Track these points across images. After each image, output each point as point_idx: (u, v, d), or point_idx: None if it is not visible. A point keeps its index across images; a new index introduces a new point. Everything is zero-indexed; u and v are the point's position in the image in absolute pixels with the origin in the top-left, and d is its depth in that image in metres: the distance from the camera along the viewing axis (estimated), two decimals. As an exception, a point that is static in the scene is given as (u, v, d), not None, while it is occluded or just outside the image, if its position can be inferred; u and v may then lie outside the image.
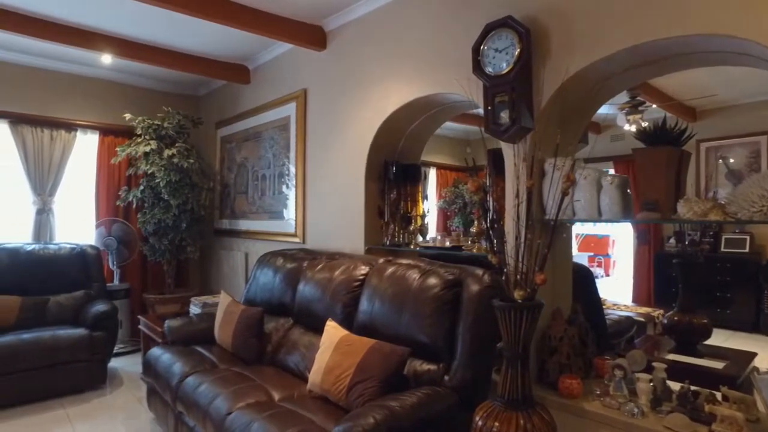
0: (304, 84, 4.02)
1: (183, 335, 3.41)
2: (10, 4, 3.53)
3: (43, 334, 3.75)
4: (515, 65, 2.26)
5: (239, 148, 4.92)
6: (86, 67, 4.92)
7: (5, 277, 4.11)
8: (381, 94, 3.29)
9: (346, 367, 2.25)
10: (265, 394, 2.52)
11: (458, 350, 2.20)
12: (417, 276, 2.46)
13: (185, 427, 2.76)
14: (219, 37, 4.07)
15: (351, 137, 3.53)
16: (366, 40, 3.44)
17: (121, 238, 4.95)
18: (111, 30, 3.98)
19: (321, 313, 2.88)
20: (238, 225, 4.90)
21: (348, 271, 2.88)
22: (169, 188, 4.54)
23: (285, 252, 3.61)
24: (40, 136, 4.74)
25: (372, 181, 3.41)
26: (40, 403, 3.68)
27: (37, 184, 4.73)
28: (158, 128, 4.68)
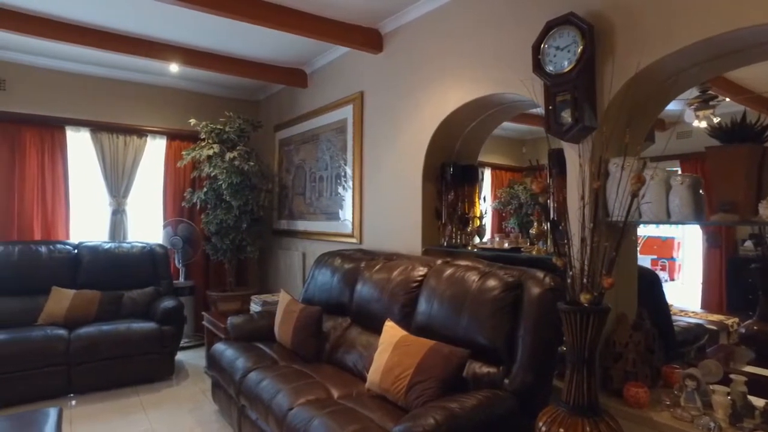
0: (360, 87, 4.08)
1: (245, 332, 3.54)
2: (91, 22, 3.79)
3: (119, 327, 4.02)
4: (578, 63, 2.20)
5: (297, 151, 5.05)
6: (155, 77, 5.21)
7: (87, 273, 4.44)
8: (438, 95, 3.29)
9: (405, 367, 2.27)
10: (325, 392, 2.57)
11: (519, 353, 2.17)
12: (476, 278, 2.45)
13: (248, 421, 2.86)
14: (277, 43, 4.20)
15: (408, 139, 3.55)
16: (422, 41, 3.45)
17: (187, 237, 5.21)
18: (178, 40, 4.19)
19: (379, 313, 2.92)
20: (296, 225, 5.03)
21: (406, 272, 2.89)
22: (230, 190, 4.73)
23: (342, 252, 3.67)
24: (115, 142, 5.06)
25: (429, 183, 3.41)
26: (117, 390, 3.94)
27: (112, 186, 5.06)
28: (221, 132, 4.88)
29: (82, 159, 4.99)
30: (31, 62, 4.68)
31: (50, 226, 4.81)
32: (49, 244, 4.49)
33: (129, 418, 3.45)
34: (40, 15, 3.67)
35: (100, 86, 5.03)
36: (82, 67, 4.87)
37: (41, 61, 4.70)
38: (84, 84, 4.95)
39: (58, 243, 4.55)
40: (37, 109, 4.73)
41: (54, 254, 4.40)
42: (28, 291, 4.19)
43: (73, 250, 4.53)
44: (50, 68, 4.78)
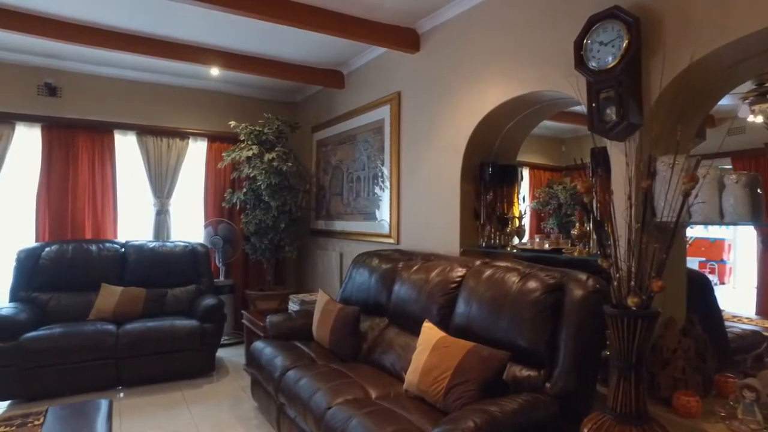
0: (397, 87, 4.07)
1: (283, 330, 3.59)
2: (138, 30, 3.93)
3: (163, 323, 4.15)
4: (622, 58, 2.13)
5: (334, 151, 5.09)
6: (197, 80, 5.35)
7: (133, 271, 4.61)
8: (476, 94, 3.25)
9: (443, 368, 2.25)
10: (363, 392, 2.58)
11: (560, 357, 2.12)
12: (516, 279, 2.40)
13: (287, 418, 2.90)
14: (315, 45, 4.24)
15: (446, 138, 3.52)
16: (460, 40, 3.41)
17: (227, 237, 5.33)
18: (219, 45, 4.28)
19: (416, 314, 2.90)
20: (333, 226, 5.07)
21: (444, 273, 2.87)
22: (269, 190, 4.81)
23: (380, 252, 3.68)
24: (159, 145, 5.23)
25: (467, 182, 3.37)
26: (160, 384, 4.07)
27: (156, 187, 5.23)
28: (259, 134, 4.97)
29: (129, 161, 5.18)
30: (83, 70, 4.89)
31: (100, 225, 5.01)
32: (98, 242, 4.68)
33: (172, 412, 3.55)
34: (92, 25, 3.83)
35: (145, 91, 5.21)
36: (129, 73, 5.06)
37: (92, 68, 4.90)
38: (130, 89, 5.13)
39: (107, 242, 4.74)
40: (89, 114, 4.94)
41: (103, 252, 4.58)
42: (80, 287, 4.38)
43: (120, 249, 4.70)
44: (100, 75, 4.98)
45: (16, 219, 4.75)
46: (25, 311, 3.96)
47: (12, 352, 3.61)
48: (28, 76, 4.70)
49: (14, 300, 4.19)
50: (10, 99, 4.62)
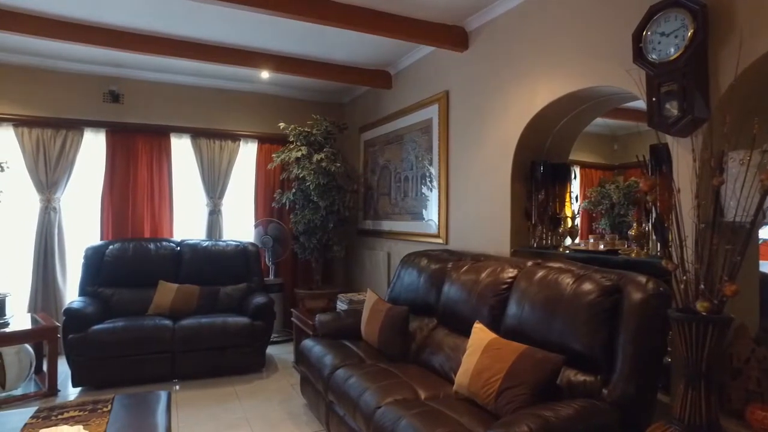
0: (445, 86, 4.03)
1: (332, 329, 3.62)
2: (194, 36, 4.08)
3: (216, 320, 4.28)
4: (687, 49, 2.02)
5: (382, 151, 5.10)
6: (248, 84, 5.49)
7: (187, 269, 4.78)
8: (527, 91, 3.18)
9: (495, 371, 2.20)
10: (412, 392, 2.56)
11: (618, 362, 2.03)
12: (570, 281, 2.32)
13: (335, 416, 2.92)
14: (362, 46, 4.27)
15: (495, 137, 3.46)
16: (510, 36, 3.34)
17: (276, 236, 5.44)
18: (269, 48, 4.38)
19: (466, 315, 2.86)
20: (381, 225, 5.08)
21: (495, 274, 2.81)
22: (317, 191, 4.87)
23: (428, 253, 3.65)
24: (212, 147, 5.41)
25: (518, 182, 3.30)
26: (213, 378, 4.19)
27: (209, 188, 5.41)
28: (308, 135, 5.05)
29: (183, 163, 5.38)
30: (143, 77, 5.13)
31: (157, 224, 5.23)
32: (156, 241, 4.89)
33: (225, 406, 3.66)
34: (151, 34, 4.01)
35: (199, 95, 5.40)
36: (184, 78, 5.25)
37: (150, 75, 5.13)
38: (186, 94, 5.34)
39: (164, 240, 4.95)
40: (147, 118, 5.17)
41: (160, 251, 4.78)
42: (139, 283, 4.58)
43: (176, 248, 4.89)
44: (158, 81, 5.20)
45: (85, 218, 5.04)
46: (92, 305, 4.19)
47: (82, 342, 3.83)
48: (94, 85, 4.98)
49: (82, 294, 4.44)
50: (79, 106, 4.91)
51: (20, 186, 4.72)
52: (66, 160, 4.85)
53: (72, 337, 3.85)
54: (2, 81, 4.66)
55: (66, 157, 4.85)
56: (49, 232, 4.80)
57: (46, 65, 4.77)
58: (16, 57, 4.63)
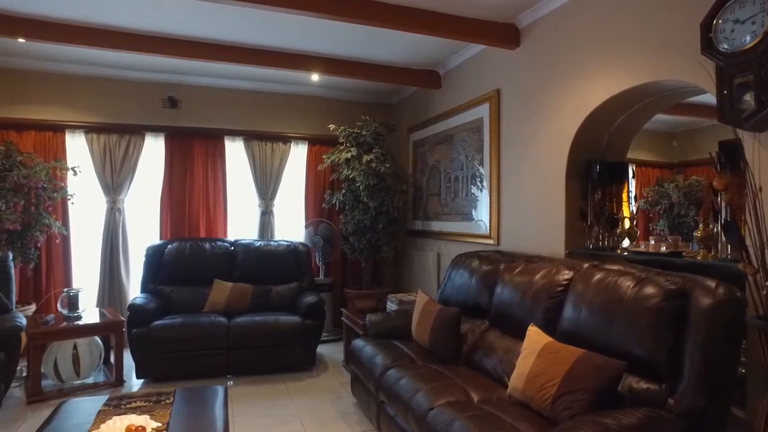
0: (496, 84, 3.97)
1: (382, 329, 3.64)
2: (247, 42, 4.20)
3: (269, 318, 4.38)
4: (766, 35, 1.89)
5: (431, 152, 5.08)
6: (298, 87, 5.60)
7: (241, 268, 4.91)
8: (582, 88, 3.08)
9: (551, 375, 2.14)
10: (464, 394, 2.54)
11: (686, 371, 1.93)
12: (631, 284, 2.23)
13: (386, 416, 2.93)
14: (411, 46, 4.27)
15: (549, 136, 3.37)
16: (564, 32, 3.25)
17: (326, 237, 5.53)
18: (319, 51, 4.45)
19: (520, 317, 2.81)
20: (431, 226, 5.06)
21: (549, 276, 2.74)
22: (367, 191, 4.91)
23: (480, 253, 3.61)
24: (264, 149, 5.55)
25: (573, 181, 3.21)
26: (265, 375, 4.29)
27: (261, 189, 5.55)
28: (357, 136, 5.10)
29: (237, 165, 5.55)
30: (199, 83, 5.34)
31: (212, 225, 5.43)
32: (211, 241, 5.07)
33: (277, 402, 3.74)
34: (206, 41, 4.16)
35: (251, 99, 5.56)
36: (238, 83, 5.42)
37: (206, 81, 5.33)
38: (239, 98, 5.51)
39: (218, 240, 5.12)
40: (203, 122, 5.38)
41: (215, 250, 4.94)
42: (195, 281, 4.75)
43: (230, 247, 5.04)
44: (213, 86, 5.40)
45: (146, 218, 5.29)
46: (153, 302, 4.39)
47: (144, 337, 4.02)
48: (154, 92, 5.23)
49: (144, 291, 4.66)
50: (141, 112, 5.17)
51: (89, 188, 5.02)
52: (129, 163, 5.11)
53: (135, 331, 4.05)
54: (75, 91, 4.97)
55: (129, 161, 5.11)
56: (115, 231, 5.07)
57: (112, 75, 5.04)
58: (86, 68, 4.92)
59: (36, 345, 3.76)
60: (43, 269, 4.87)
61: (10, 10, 3.60)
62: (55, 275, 4.95)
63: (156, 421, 2.27)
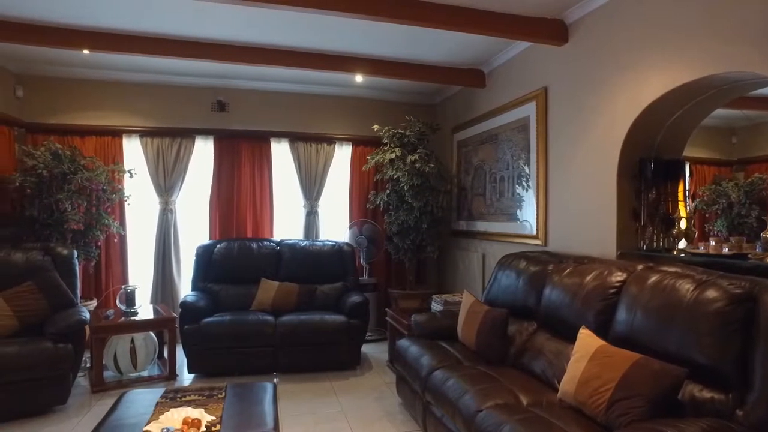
0: (543, 82, 3.89)
1: (428, 330, 3.64)
2: (293, 45, 4.28)
3: (314, 317, 4.45)
4: None
5: (475, 151, 5.03)
6: (342, 88, 5.66)
7: (287, 267, 5.01)
8: (635, 83, 2.98)
9: (605, 380, 2.08)
10: (513, 397, 2.50)
11: (756, 380, 1.82)
12: (690, 287, 2.14)
13: (433, 417, 2.92)
14: (455, 45, 4.24)
15: (599, 134, 3.28)
16: (615, 26, 3.15)
17: (371, 237, 5.56)
18: (363, 52, 4.48)
19: (570, 320, 2.74)
20: (475, 226, 5.01)
21: (601, 277, 2.67)
22: (411, 192, 4.91)
23: (527, 254, 3.54)
24: (308, 150, 5.64)
25: (625, 180, 3.10)
26: (310, 373, 4.35)
27: (306, 190, 5.65)
28: (401, 136, 5.10)
29: (282, 166, 5.67)
30: (246, 86, 5.48)
31: (258, 225, 5.56)
32: (258, 241, 5.19)
33: (323, 400, 3.79)
34: (253, 45, 4.27)
35: (296, 101, 5.66)
36: (283, 85, 5.53)
37: (252, 84, 5.47)
38: (284, 100, 5.62)
39: (265, 240, 5.24)
40: (250, 125, 5.52)
41: (262, 250, 5.06)
42: (243, 280, 4.88)
43: (276, 247, 5.15)
44: (259, 90, 5.53)
45: (196, 219, 5.48)
46: (203, 299, 4.54)
47: (195, 333, 4.17)
48: (204, 96, 5.40)
49: (194, 289, 4.82)
50: (191, 116, 5.36)
51: (144, 190, 5.24)
52: (180, 165, 5.31)
53: (187, 327, 4.19)
54: (131, 97, 5.21)
55: (180, 163, 5.30)
56: (167, 231, 5.27)
57: (165, 81, 5.25)
58: (140, 76, 5.15)
59: (98, 338, 3.97)
60: (103, 267, 5.12)
61: (76, 24, 3.84)
62: (113, 273, 5.20)
63: (210, 414, 2.35)
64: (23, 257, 3.92)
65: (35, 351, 3.38)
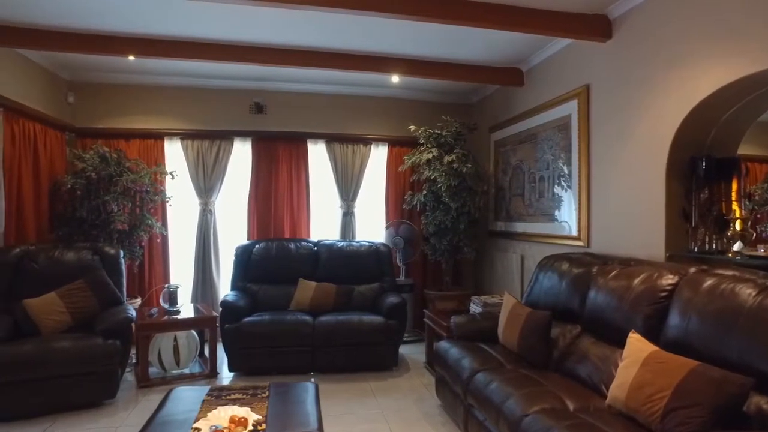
0: (585, 79, 3.80)
1: (468, 331, 3.60)
2: (331, 47, 4.31)
3: (352, 318, 4.46)
4: None
5: (514, 151, 4.95)
6: (378, 89, 5.67)
7: (324, 268, 5.04)
8: (685, 79, 2.87)
9: (659, 387, 2.01)
10: (559, 402, 2.44)
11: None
12: (752, 291, 2.05)
13: (475, 420, 2.89)
14: (493, 43, 4.19)
15: (646, 132, 3.18)
16: (663, 19, 3.04)
17: (407, 237, 5.54)
18: (400, 53, 4.46)
19: (617, 323, 2.67)
20: (514, 227, 4.93)
21: (650, 281, 2.58)
22: (449, 192, 4.87)
23: (569, 256, 3.47)
24: (345, 151, 5.67)
25: (674, 180, 2.99)
26: (348, 374, 4.36)
27: (343, 191, 5.68)
28: (438, 136, 5.07)
29: (319, 167, 5.71)
30: (283, 88, 5.55)
31: (295, 225, 5.62)
32: (295, 241, 5.24)
33: (362, 400, 3.80)
34: (291, 48, 4.31)
35: (333, 102, 5.70)
36: (319, 87, 5.57)
37: (289, 86, 5.53)
38: (320, 101, 5.66)
39: (302, 241, 5.29)
40: (287, 126, 5.58)
41: (300, 250, 5.11)
42: (281, 280, 4.93)
43: (313, 248, 5.18)
44: (296, 91, 5.59)
45: (234, 219, 5.58)
46: (243, 299, 4.61)
47: (236, 332, 4.23)
48: (242, 99, 5.50)
49: (234, 289, 4.91)
50: (229, 119, 5.47)
51: (185, 191, 5.37)
52: (219, 167, 5.41)
53: (228, 327, 4.27)
54: (172, 101, 5.35)
55: (219, 165, 5.41)
56: (207, 232, 5.39)
57: (204, 84, 5.37)
58: (181, 80, 5.28)
59: (143, 335, 4.08)
60: (146, 266, 5.27)
61: (122, 31, 3.97)
62: (155, 272, 5.34)
63: (255, 413, 2.38)
64: (75, 256, 4.09)
65: (87, 346, 3.52)
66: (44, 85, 4.71)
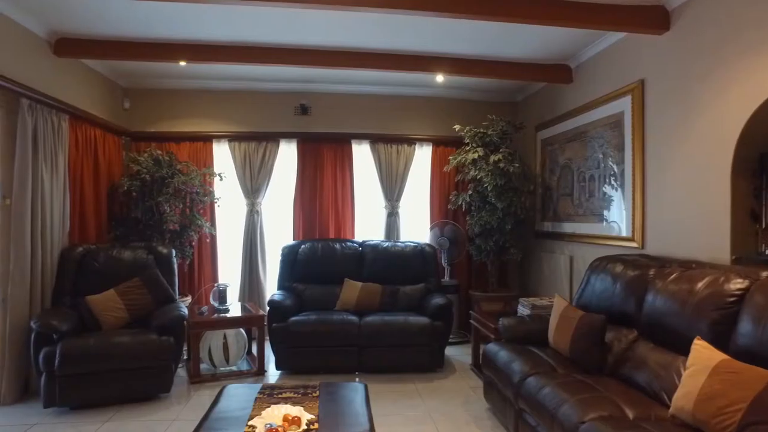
0: (640, 74, 3.66)
1: (517, 334, 3.52)
2: (377, 47, 4.32)
3: (398, 318, 4.46)
4: None
5: (562, 150, 4.82)
6: (422, 88, 5.64)
7: (369, 268, 5.05)
8: (754, 71, 2.71)
9: (733, 399, 1.90)
10: (617, 409, 2.36)
11: None
12: (834, 298, 1.91)
13: (526, 425, 2.83)
14: (539, 40, 4.10)
15: (707, 128, 3.02)
16: (727, 8, 2.89)
17: (452, 238, 5.49)
18: (444, 52, 4.43)
19: (678, 329, 2.55)
20: (562, 228, 4.80)
21: (716, 284, 2.45)
22: (495, 192, 4.79)
23: (623, 258, 3.34)
24: (389, 151, 5.67)
25: (741, 178, 2.84)
26: (393, 374, 4.35)
27: (387, 191, 5.67)
28: (483, 136, 5.00)
29: (363, 168, 5.74)
30: (327, 90, 5.60)
31: (340, 225, 5.66)
32: (341, 241, 5.28)
33: (408, 402, 3.78)
34: (337, 49, 4.34)
35: (376, 102, 5.71)
36: (363, 87, 5.60)
37: (334, 87, 5.58)
38: (364, 102, 5.69)
39: (347, 241, 5.31)
40: (331, 127, 5.63)
41: (345, 250, 5.14)
42: (326, 280, 4.97)
43: (358, 248, 5.21)
44: (340, 93, 5.63)
45: (280, 220, 5.67)
46: (289, 299, 4.68)
47: (283, 331, 4.30)
48: (288, 101, 5.59)
49: (280, 288, 4.99)
50: (276, 120, 5.57)
51: (232, 192, 5.50)
52: (266, 168, 5.51)
53: (275, 326, 4.34)
54: (220, 104, 5.49)
55: (266, 166, 5.51)
56: (253, 232, 5.50)
57: (251, 87, 5.49)
58: (228, 83, 5.42)
59: (195, 333, 4.21)
60: (196, 265, 5.43)
61: (175, 38, 4.11)
62: (204, 271, 5.49)
63: (308, 413, 2.40)
64: (131, 255, 4.26)
65: (144, 342, 3.66)
66: (104, 92, 4.93)
